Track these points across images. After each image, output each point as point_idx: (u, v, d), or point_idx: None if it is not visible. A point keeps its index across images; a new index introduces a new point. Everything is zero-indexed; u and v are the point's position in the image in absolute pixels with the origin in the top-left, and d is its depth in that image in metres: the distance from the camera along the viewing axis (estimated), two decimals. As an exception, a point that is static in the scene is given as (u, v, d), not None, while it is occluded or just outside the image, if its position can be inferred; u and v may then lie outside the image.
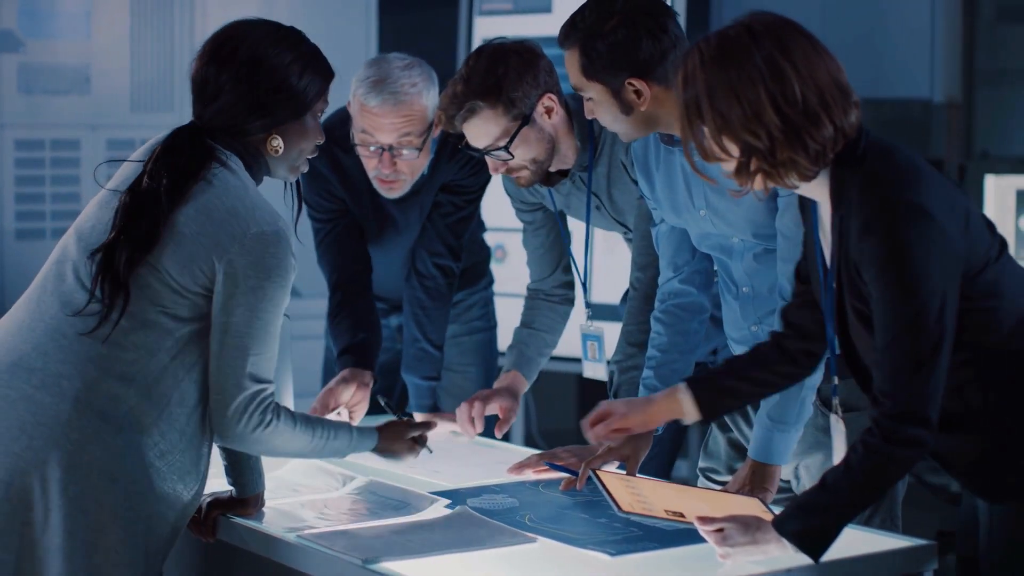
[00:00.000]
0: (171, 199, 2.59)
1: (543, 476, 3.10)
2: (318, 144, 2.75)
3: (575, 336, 3.59)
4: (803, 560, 2.41)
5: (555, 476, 3.05)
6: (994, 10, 6.52)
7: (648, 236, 3.21)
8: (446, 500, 2.86)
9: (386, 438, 2.86)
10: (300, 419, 2.68)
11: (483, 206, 3.86)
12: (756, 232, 2.92)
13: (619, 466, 2.97)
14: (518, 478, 3.10)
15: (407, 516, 2.77)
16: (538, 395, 6.10)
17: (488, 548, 2.58)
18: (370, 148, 3.57)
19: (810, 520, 2.40)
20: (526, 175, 3.29)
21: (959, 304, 2.38)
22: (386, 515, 2.79)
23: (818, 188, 2.46)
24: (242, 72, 2.64)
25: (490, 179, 3.69)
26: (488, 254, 4.13)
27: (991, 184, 5.23)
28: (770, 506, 2.71)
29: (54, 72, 5.73)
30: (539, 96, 3.22)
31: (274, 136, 2.69)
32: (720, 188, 2.76)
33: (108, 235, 2.59)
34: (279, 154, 2.70)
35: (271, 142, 2.69)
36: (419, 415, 3.65)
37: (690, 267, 3.10)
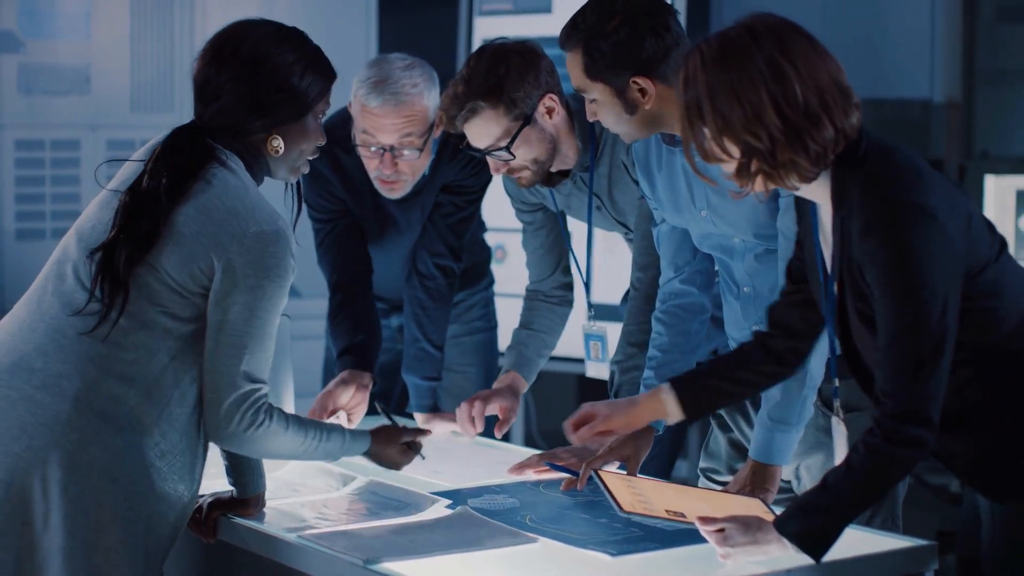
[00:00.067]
0: (171, 199, 2.58)
1: (544, 476, 3.09)
2: (319, 145, 2.75)
3: (575, 336, 3.59)
4: (804, 560, 2.41)
5: (556, 476, 3.05)
6: (994, 10, 6.51)
7: (649, 236, 3.21)
8: (447, 500, 2.86)
9: (379, 442, 2.85)
10: (293, 421, 2.66)
11: (484, 206, 3.85)
12: (757, 232, 2.92)
13: (620, 466, 2.96)
14: (519, 478, 3.10)
15: (408, 516, 2.77)
16: (538, 395, 6.10)
17: (489, 548, 2.58)
18: (371, 149, 3.57)
19: (811, 520, 2.40)
20: (527, 175, 3.29)
21: (959, 304, 2.38)
22: (387, 515, 2.78)
23: (819, 189, 2.46)
24: (243, 72, 2.64)
25: (491, 179, 3.69)
26: (488, 254, 4.13)
27: (991, 184, 5.23)
28: (771, 506, 2.71)
29: (54, 72, 5.73)
30: (540, 96, 3.22)
31: (275, 136, 2.68)
32: (721, 189, 2.76)
33: (108, 235, 2.59)
34: (279, 154, 2.70)
35: (271, 142, 2.69)
36: (419, 415, 3.65)
37: (691, 267, 3.10)
